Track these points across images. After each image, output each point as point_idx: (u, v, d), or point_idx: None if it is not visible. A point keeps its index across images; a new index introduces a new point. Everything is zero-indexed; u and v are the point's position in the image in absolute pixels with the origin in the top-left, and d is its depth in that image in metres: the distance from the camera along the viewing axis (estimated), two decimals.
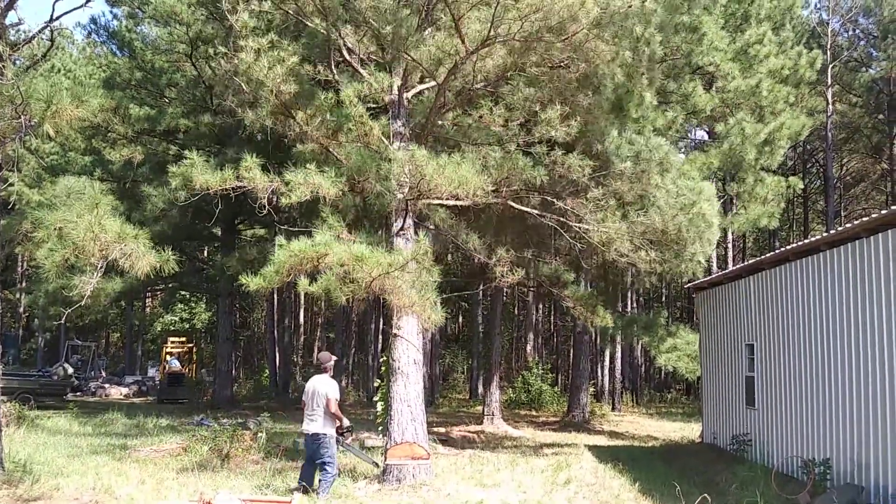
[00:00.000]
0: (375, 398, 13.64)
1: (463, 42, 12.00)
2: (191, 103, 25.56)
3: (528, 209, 14.21)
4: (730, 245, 34.69)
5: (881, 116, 34.43)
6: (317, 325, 49.14)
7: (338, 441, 10.61)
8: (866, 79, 34.69)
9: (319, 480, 10.29)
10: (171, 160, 25.93)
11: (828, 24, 33.76)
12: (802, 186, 24.37)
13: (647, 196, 13.85)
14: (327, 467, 10.29)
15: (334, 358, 11.28)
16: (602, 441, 20.72)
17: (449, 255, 14.62)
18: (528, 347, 40.76)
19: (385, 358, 13.05)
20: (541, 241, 15.28)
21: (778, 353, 14.00)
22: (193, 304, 41.53)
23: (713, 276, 18.92)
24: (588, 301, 16.96)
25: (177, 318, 41.03)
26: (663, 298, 48.49)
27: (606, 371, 35.05)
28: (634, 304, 39.94)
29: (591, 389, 29.04)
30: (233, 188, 12.29)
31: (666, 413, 32.96)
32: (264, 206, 11.91)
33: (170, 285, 31.90)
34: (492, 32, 11.58)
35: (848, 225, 11.51)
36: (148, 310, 47.72)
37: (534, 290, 16.87)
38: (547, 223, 14.51)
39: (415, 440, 12.03)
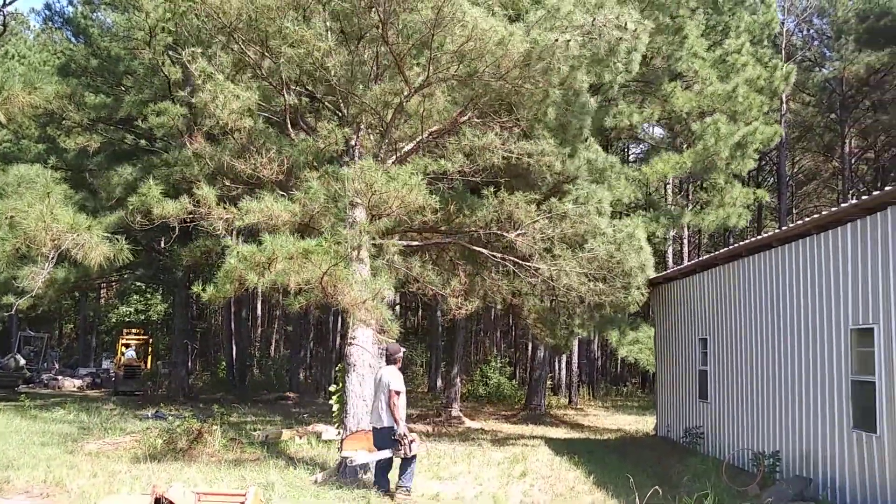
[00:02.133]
0: (331, 388, 13.63)
1: (406, 83, 12.77)
2: (149, 92, 25.15)
3: (479, 248, 14.68)
4: (685, 241, 35.23)
5: (833, 116, 35.15)
6: (275, 317, 48.79)
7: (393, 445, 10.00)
8: (819, 78, 35.39)
9: (400, 474, 9.96)
10: (129, 149, 25.64)
11: (783, 23, 34.36)
12: (769, 199, 25.13)
13: (591, 232, 14.54)
14: (378, 454, 10.05)
15: (403, 349, 10.87)
16: (559, 434, 20.92)
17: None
18: (488, 341, 40.94)
19: (341, 365, 13.12)
20: (492, 275, 15.71)
21: (730, 347, 14.27)
22: (149, 296, 40.93)
23: (668, 271, 19.19)
24: (546, 319, 17.28)
25: (132, 310, 40.39)
26: None
27: (564, 365, 35.34)
28: None
29: (549, 383, 29.27)
30: (189, 216, 12.54)
31: (622, 406, 33.36)
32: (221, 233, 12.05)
33: (125, 276, 31.40)
34: (431, 70, 12.38)
35: (799, 222, 11.77)
36: (102, 301, 46.94)
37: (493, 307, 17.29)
38: (498, 261, 14.99)
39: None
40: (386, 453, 10.05)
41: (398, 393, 10.07)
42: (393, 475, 10.38)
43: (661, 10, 19.78)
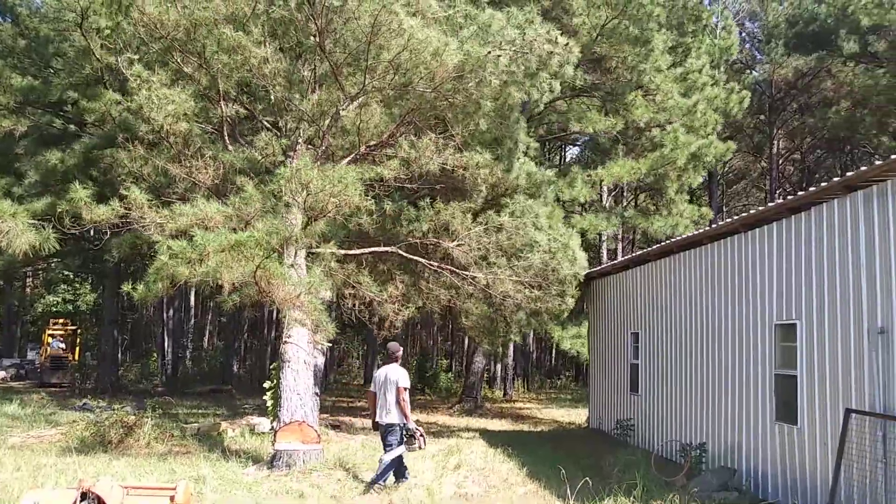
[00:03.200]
0: (266, 385, 13.51)
1: (342, 90, 13.11)
2: (80, 75, 24.40)
3: (417, 258, 14.88)
4: (620, 235, 35.81)
5: (762, 117, 36.11)
6: (209, 308, 47.96)
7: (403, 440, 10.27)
8: (750, 80, 36.33)
9: (379, 461, 10.18)
10: (58, 133, 24.83)
11: (717, 26, 35.16)
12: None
13: (528, 244, 15.03)
14: (391, 453, 10.17)
15: (401, 348, 11.00)
16: (494, 426, 21.08)
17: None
18: (425, 334, 40.99)
19: (276, 364, 13.04)
20: (430, 284, 15.95)
21: (660, 341, 14.59)
22: (78, 285, 39.80)
23: (602, 266, 19.51)
24: (483, 326, 17.51)
25: (59, 300, 39.22)
26: None
27: (499, 358, 35.63)
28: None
29: (485, 376, 29.49)
30: (120, 220, 12.43)
31: (555, 399, 33.78)
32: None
33: (52, 264, 30.50)
34: (367, 80, 12.77)
35: (728, 220, 12.09)
36: (28, 290, 45.48)
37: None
38: (436, 269, 15.24)
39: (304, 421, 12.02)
40: (401, 449, 10.22)
41: (406, 389, 10.28)
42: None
43: (631, 21, 20.25)
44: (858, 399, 8.60)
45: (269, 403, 13.23)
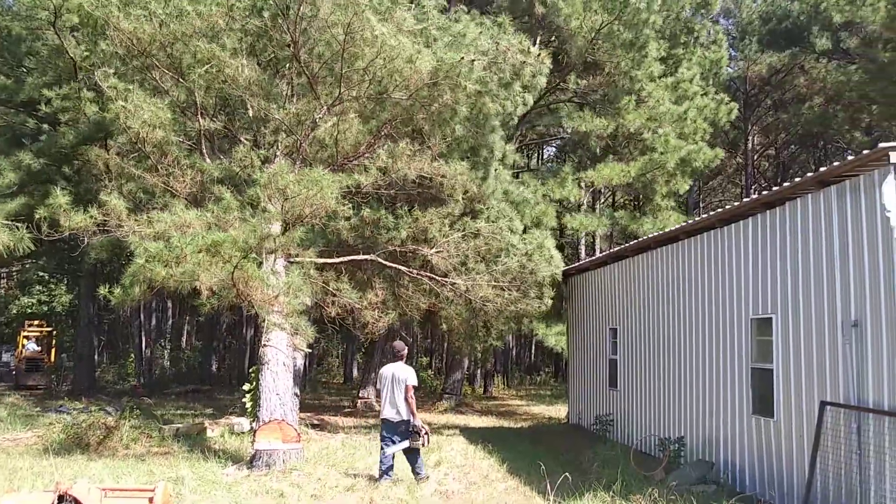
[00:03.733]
0: (245, 388, 13.46)
1: (318, 99, 13.37)
2: (53, 74, 24.11)
3: (396, 265, 15.05)
4: (597, 231, 35.92)
5: (737, 113, 36.40)
6: (186, 308, 47.60)
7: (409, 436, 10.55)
8: (725, 77, 36.62)
9: (388, 457, 10.54)
10: (31, 133, 24.55)
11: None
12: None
13: (504, 249, 15.36)
14: (394, 447, 10.49)
15: (406, 347, 11.27)
16: (474, 423, 21.14)
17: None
18: (404, 331, 40.90)
19: (255, 367, 13.03)
20: (409, 291, 16.15)
21: (639, 337, 14.69)
22: (53, 286, 39.34)
23: (580, 262, 19.60)
24: (464, 332, 17.62)
25: (34, 301, 38.74)
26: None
27: (480, 362, 35.67)
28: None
29: (465, 373, 29.53)
30: (99, 227, 12.44)
31: (535, 395, 33.92)
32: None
33: (27, 265, 30.15)
34: (343, 88, 13.04)
35: (704, 216, 12.20)
36: (2, 291, 44.90)
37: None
38: (415, 277, 15.38)
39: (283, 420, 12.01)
40: (404, 444, 10.49)
41: (414, 387, 10.57)
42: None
43: (626, 26, 20.66)
44: (833, 391, 8.71)
45: (248, 405, 13.19)
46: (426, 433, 10.64)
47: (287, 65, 13.94)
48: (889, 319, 7.83)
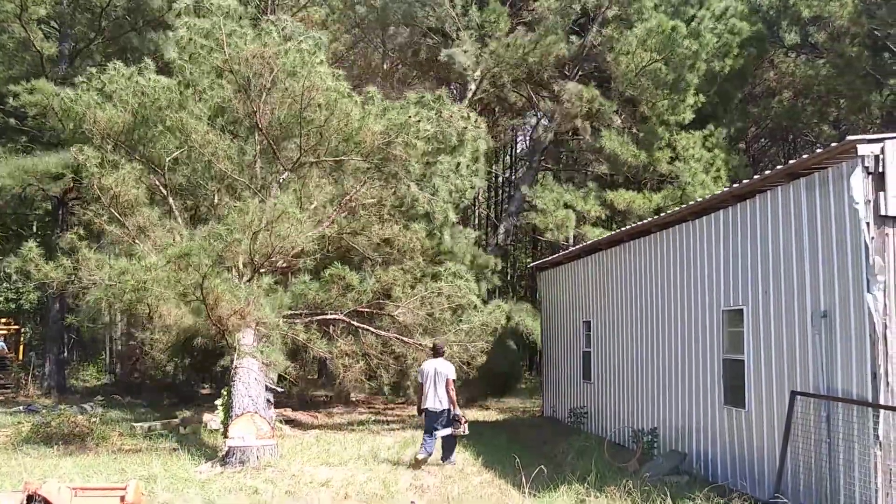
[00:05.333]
0: (217, 403, 13.48)
1: (277, 158, 15.05)
2: (20, 68, 23.72)
3: (364, 325, 16.28)
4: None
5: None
6: None
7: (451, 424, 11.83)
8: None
9: (430, 444, 11.77)
10: None
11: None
12: None
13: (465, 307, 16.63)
14: (440, 432, 11.78)
15: (445, 345, 13.10)
16: None
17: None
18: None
19: (227, 388, 13.11)
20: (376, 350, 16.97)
21: (612, 329, 14.78)
22: (21, 284, 38.75)
23: (554, 255, 19.67)
24: None
25: (1, 298, 38.14)
26: (508, 278, 49.79)
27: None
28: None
29: None
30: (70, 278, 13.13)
31: (510, 388, 33.93)
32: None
33: None
34: (304, 147, 14.68)
35: (676, 209, 12.28)
36: None
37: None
38: (383, 337, 16.43)
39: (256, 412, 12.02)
40: (448, 430, 11.81)
41: (455, 381, 12.00)
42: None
43: (670, 67, 22.88)
44: (803, 381, 8.81)
45: (221, 416, 13.14)
46: (466, 421, 11.99)
47: (250, 133, 15.64)
48: (857, 310, 7.94)
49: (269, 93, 14.46)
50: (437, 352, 12.26)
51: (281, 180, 14.94)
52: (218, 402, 13.29)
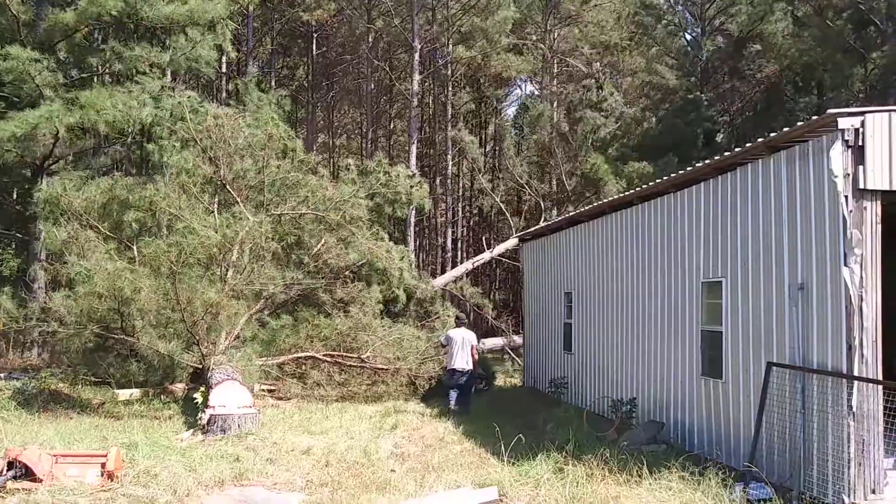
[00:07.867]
0: (196, 396, 13.53)
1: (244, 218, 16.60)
2: None
3: (337, 359, 17.07)
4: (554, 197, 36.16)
5: (693, 79, 36.64)
6: None
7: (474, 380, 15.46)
8: (681, 44, 36.84)
9: (458, 398, 14.76)
10: None
11: None
12: None
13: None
14: (467, 392, 15.02)
15: (465, 316, 16.91)
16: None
17: None
18: None
19: (203, 388, 13.27)
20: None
21: (593, 301, 14.86)
22: (1, 250, 38.38)
23: (536, 227, 19.70)
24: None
25: None
26: None
27: None
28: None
29: None
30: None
31: (492, 360, 34.10)
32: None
33: None
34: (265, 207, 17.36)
35: (658, 181, 12.32)
36: None
37: None
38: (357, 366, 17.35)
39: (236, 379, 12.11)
40: (470, 386, 15.22)
41: (476, 346, 15.45)
42: None
43: None
44: (779, 353, 8.93)
45: (200, 398, 13.17)
46: (486, 378, 16.58)
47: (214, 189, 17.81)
48: (834, 283, 8.03)
49: (234, 152, 17.44)
50: (460, 321, 16.87)
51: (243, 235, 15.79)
52: (197, 395, 13.30)
